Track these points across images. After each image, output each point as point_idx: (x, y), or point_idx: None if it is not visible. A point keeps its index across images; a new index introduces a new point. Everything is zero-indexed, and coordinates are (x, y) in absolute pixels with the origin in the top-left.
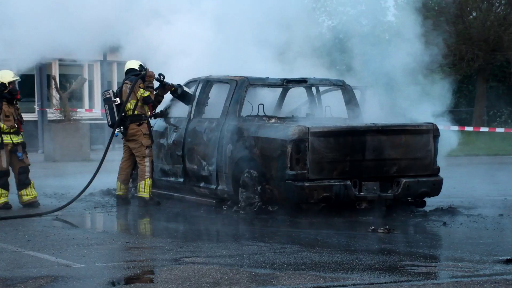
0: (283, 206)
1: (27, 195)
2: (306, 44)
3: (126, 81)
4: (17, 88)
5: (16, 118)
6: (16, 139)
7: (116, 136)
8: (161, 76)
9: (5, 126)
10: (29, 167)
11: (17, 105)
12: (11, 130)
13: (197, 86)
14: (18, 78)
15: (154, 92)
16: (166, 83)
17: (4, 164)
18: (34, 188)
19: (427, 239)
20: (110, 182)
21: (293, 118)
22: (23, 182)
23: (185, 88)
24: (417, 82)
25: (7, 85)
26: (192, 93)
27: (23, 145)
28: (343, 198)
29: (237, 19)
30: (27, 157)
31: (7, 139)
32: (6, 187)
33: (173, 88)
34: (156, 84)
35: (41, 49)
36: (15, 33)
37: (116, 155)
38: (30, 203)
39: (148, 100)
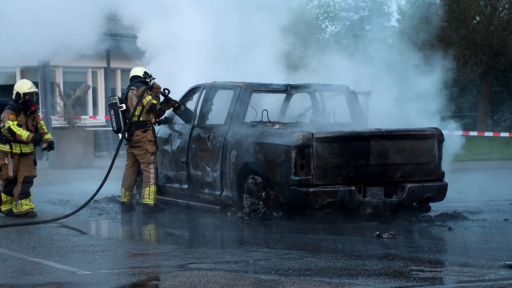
0: (287, 212)
1: (26, 204)
2: (310, 48)
3: (132, 87)
4: (34, 100)
5: (29, 128)
6: (26, 148)
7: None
8: (166, 91)
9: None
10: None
11: (35, 114)
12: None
13: (201, 92)
14: (36, 90)
15: (158, 107)
16: (170, 99)
17: (10, 173)
18: (30, 201)
19: (432, 244)
20: (114, 189)
21: (297, 123)
22: (25, 191)
23: (187, 106)
24: (420, 86)
25: (22, 95)
26: (193, 112)
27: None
28: (348, 204)
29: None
30: (35, 168)
31: (16, 148)
32: (12, 194)
33: (176, 104)
34: (161, 98)
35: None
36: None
37: (120, 162)
38: (26, 212)
39: (154, 109)
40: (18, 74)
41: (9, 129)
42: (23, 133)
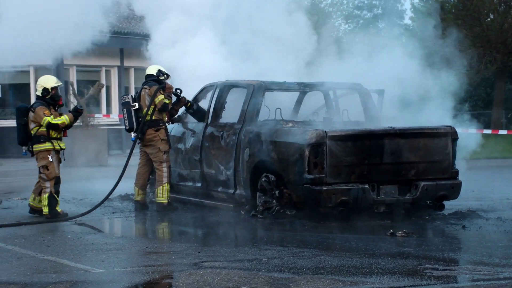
0: (301, 210)
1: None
2: (323, 46)
3: (144, 86)
4: (60, 94)
5: None
6: (62, 145)
7: (133, 140)
8: (178, 91)
9: (53, 131)
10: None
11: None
12: (58, 136)
13: (214, 91)
14: (61, 83)
15: (170, 107)
16: (182, 98)
17: (57, 170)
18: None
19: (446, 242)
20: (128, 188)
21: (310, 122)
22: (56, 190)
23: (200, 105)
24: (434, 84)
25: (50, 90)
26: (206, 111)
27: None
28: (361, 202)
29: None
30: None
31: (56, 144)
32: (58, 193)
33: (189, 104)
34: (173, 98)
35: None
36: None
37: (133, 160)
38: (41, 209)
39: (166, 108)
40: (32, 72)
41: (49, 124)
42: (64, 118)
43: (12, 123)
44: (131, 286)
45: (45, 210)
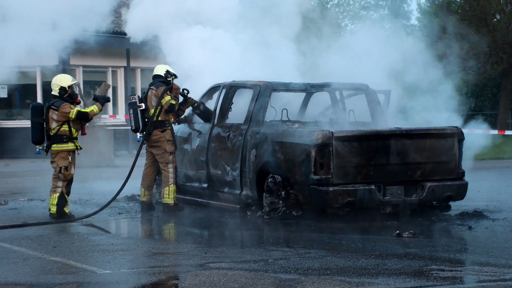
0: (307, 211)
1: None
2: (328, 46)
3: (151, 87)
4: (76, 92)
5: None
6: (79, 144)
7: (139, 141)
8: (185, 91)
9: (74, 130)
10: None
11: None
12: (76, 136)
13: (221, 92)
14: (77, 81)
15: (177, 107)
16: (189, 99)
17: (73, 171)
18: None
19: (452, 243)
20: (134, 188)
21: (316, 122)
22: (68, 191)
23: (207, 106)
24: (440, 85)
25: (67, 89)
26: (212, 111)
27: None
28: (368, 203)
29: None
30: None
31: (77, 145)
32: (69, 194)
33: (195, 104)
34: (180, 98)
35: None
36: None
37: (140, 161)
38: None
39: (173, 109)
40: (38, 73)
41: (80, 113)
42: (93, 108)
43: (18, 124)
44: (137, 287)
45: (53, 209)
